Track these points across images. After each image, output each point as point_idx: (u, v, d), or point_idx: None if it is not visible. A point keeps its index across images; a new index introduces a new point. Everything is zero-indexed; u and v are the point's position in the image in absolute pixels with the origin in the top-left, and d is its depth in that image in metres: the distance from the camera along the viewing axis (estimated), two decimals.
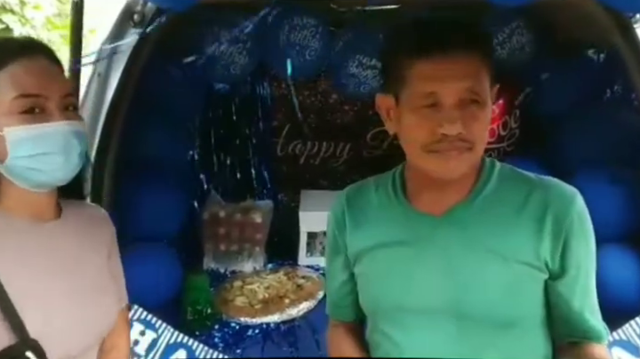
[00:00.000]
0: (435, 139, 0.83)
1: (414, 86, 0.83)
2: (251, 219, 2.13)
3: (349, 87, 2.19)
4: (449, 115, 0.81)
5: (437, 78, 0.82)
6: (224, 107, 2.38)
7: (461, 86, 0.82)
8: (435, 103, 0.82)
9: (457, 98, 0.82)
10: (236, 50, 2.08)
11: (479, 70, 0.83)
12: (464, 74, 0.82)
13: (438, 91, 0.82)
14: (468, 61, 0.82)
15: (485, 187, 0.91)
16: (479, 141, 0.84)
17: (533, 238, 0.86)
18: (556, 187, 0.89)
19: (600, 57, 1.93)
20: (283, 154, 2.47)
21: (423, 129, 0.83)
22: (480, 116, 0.83)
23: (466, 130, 0.82)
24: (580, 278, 0.89)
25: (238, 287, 1.91)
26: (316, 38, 2.10)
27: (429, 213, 0.92)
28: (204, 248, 2.12)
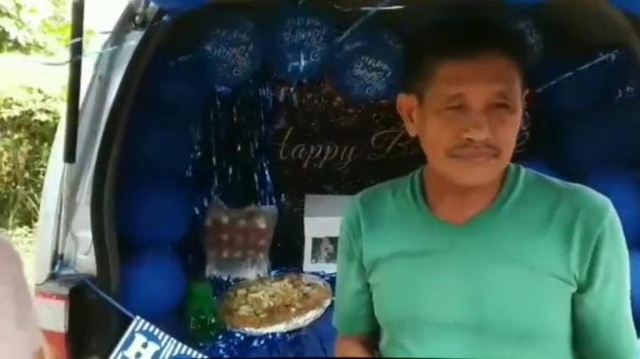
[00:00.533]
0: (459, 144, 0.79)
1: (440, 87, 0.79)
2: (254, 225, 2.08)
3: (354, 89, 2.14)
4: (476, 119, 0.77)
5: (465, 80, 0.78)
6: (226, 110, 2.33)
7: (491, 89, 0.78)
8: (461, 105, 0.78)
9: (485, 101, 0.78)
10: (239, 52, 2.04)
11: (510, 73, 0.79)
12: (494, 76, 0.78)
13: (466, 93, 0.78)
14: (499, 63, 0.78)
15: (511, 195, 0.86)
16: (506, 148, 0.80)
17: (562, 249, 0.82)
18: (587, 196, 0.84)
19: (612, 57, 1.89)
20: (285, 158, 2.43)
21: (447, 132, 0.79)
22: (509, 122, 0.79)
23: (493, 135, 0.77)
24: (609, 291, 0.84)
25: (242, 295, 1.86)
26: (320, 39, 2.06)
27: (451, 221, 0.87)
28: (206, 255, 2.06)
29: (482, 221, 0.86)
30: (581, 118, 1.94)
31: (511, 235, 0.84)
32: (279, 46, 2.08)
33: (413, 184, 0.93)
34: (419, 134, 0.86)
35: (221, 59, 2.01)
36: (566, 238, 0.82)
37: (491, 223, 0.85)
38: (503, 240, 0.84)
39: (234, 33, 2.00)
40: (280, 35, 2.06)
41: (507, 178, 0.87)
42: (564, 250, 0.82)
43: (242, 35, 2.01)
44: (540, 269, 0.82)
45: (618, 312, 0.86)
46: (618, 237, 0.84)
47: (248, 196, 2.32)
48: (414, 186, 0.92)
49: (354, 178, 2.47)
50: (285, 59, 2.10)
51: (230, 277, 2.04)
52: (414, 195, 0.91)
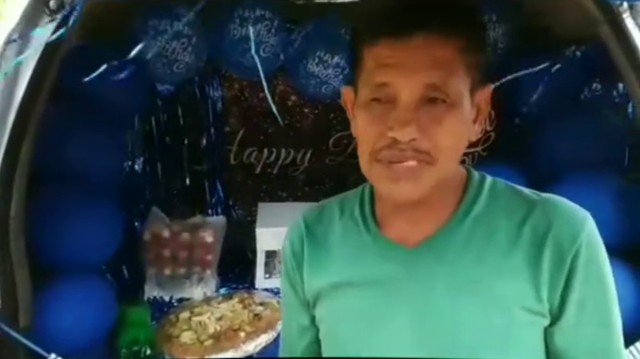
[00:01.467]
0: (383, 145, 0.65)
1: (367, 75, 0.66)
2: (200, 239, 1.87)
3: (309, 88, 1.98)
4: (402, 115, 0.64)
5: (392, 66, 0.64)
6: (169, 110, 2.12)
7: (422, 80, 0.63)
8: (388, 98, 0.65)
9: (416, 94, 0.64)
10: (180, 46, 1.83)
11: (454, 62, 0.64)
12: (428, 64, 0.63)
13: (391, 82, 0.64)
14: (438, 49, 0.63)
15: (472, 209, 0.71)
16: (445, 153, 0.65)
17: (530, 274, 0.67)
18: (561, 208, 0.69)
19: (579, 52, 1.80)
20: (237, 162, 2.25)
21: (372, 129, 0.66)
22: (447, 121, 0.64)
23: (423, 136, 0.64)
24: (585, 322, 0.68)
25: (185, 319, 1.64)
26: (271, 33, 1.89)
27: (402, 243, 0.72)
28: (145, 274, 1.84)
29: (437, 243, 0.71)
30: (548, 118, 1.84)
31: (472, 258, 0.69)
32: (225, 40, 1.89)
33: (363, 199, 0.78)
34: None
35: (160, 53, 1.80)
36: (535, 260, 0.67)
37: (448, 244, 0.70)
38: (462, 265, 0.69)
39: (173, 24, 1.80)
40: (226, 28, 1.87)
41: (468, 188, 0.73)
42: (532, 275, 0.67)
43: (182, 28, 1.81)
44: (504, 301, 0.67)
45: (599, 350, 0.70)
46: (597, 259, 0.68)
47: (193, 206, 2.11)
48: (364, 202, 0.78)
49: (311, 183, 2.32)
50: (233, 55, 1.92)
51: (173, 297, 1.83)
52: (363, 214, 0.77)
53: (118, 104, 1.72)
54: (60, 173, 1.51)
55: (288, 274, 0.83)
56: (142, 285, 1.83)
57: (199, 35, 1.86)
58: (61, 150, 1.51)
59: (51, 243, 1.40)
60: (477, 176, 0.74)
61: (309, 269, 0.79)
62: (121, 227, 1.61)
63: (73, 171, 1.54)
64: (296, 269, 0.81)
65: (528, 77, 1.84)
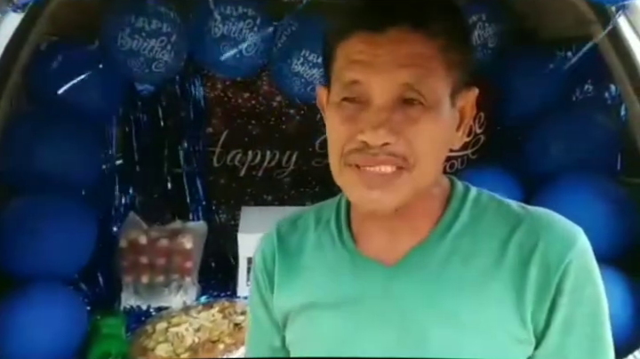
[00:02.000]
0: (353, 148, 0.59)
1: (338, 72, 0.60)
2: (179, 245, 1.80)
3: (294, 88, 1.92)
4: (373, 116, 0.58)
5: (365, 63, 0.58)
6: (148, 110, 2.05)
7: (397, 78, 0.57)
8: (360, 98, 0.59)
9: (389, 94, 0.58)
10: (159, 44, 1.76)
11: (431, 60, 0.58)
12: (404, 62, 0.57)
13: (363, 80, 0.58)
14: (416, 46, 0.57)
15: (454, 225, 0.65)
16: (423, 159, 0.59)
17: (515, 297, 0.61)
18: (549, 224, 0.62)
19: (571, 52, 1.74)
20: (220, 165, 2.19)
21: (341, 130, 0.60)
22: (423, 123, 0.58)
23: (397, 140, 0.58)
24: (570, 349, 0.61)
25: (162, 330, 1.57)
26: (254, 31, 1.82)
27: (380, 260, 0.66)
28: (122, 282, 1.76)
29: (417, 259, 0.64)
30: (539, 120, 1.78)
31: (452, 279, 0.63)
32: (206, 38, 1.82)
33: (339, 210, 0.71)
34: None
35: (137, 51, 1.73)
36: (520, 281, 0.61)
37: (427, 263, 0.64)
38: (442, 287, 0.63)
39: (152, 22, 1.73)
40: (207, 26, 1.80)
41: (451, 201, 0.66)
42: (516, 298, 0.61)
43: (161, 25, 1.74)
44: (485, 326, 0.61)
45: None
46: (588, 280, 0.62)
47: (174, 211, 2.04)
48: (340, 213, 0.71)
49: (297, 186, 2.26)
50: (214, 54, 1.85)
51: (151, 306, 1.75)
52: (339, 226, 0.70)
53: (93, 105, 1.65)
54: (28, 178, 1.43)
55: (259, 289, 0.76)
56: (119, 294, 1.76)
57: (179, 33, 1.79)
58: (30, 154, 1.44)
59: (17, 252, 1.32)
60: (461, 187, 0.68)
61: (280, 287, 0.72)
62: (94, 235, 1.53)
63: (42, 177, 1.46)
64: (267, 285, 0.74)
65: (519, 79, 1.79)
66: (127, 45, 1.71)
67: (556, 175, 1.62)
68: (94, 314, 1.58)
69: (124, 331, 1.56)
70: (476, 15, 1.77)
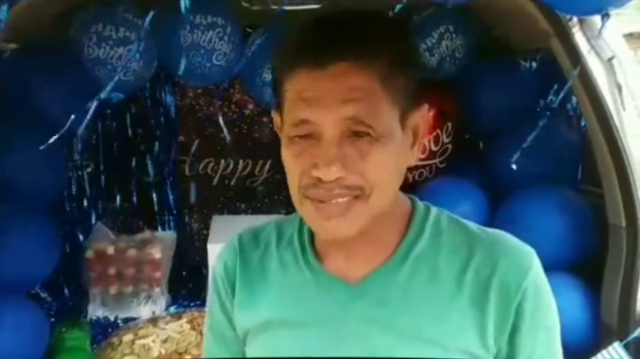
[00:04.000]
0: (309, 183, 0.60)
1: (288, 109, 0.61)
2: (148, 255, 1.78)
3: (266, 96, 1.92)
4: (324, 153, 0.59)
5: (311, 101, 0.59)
6: (117, 119, 2.02)
7: (342, 113, 0.58)
8: (310, 134, 0.60)
9: (337, 129, 0.59)
10: (127, 52, 1.74)
11: (376, 92, 0.59)
12: (348, 96, 0.58)
13: (311, 119, 0.59)
14: (357, 79, 0.58)
15: (414, 247, 0.66)
16: (377, 189, 0.60)
17: (476, 318, 0.63)
18: (505, 248, 0.65)
19: (534, 63, 1.79)
20: (192, 174, 2.18)
21: (297, 167, 0.61)
22: (374, 155, 0.59)
23: (349, 172, 0.59)
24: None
25: (128, 342, 1.55)
26: (225, 40, 1.82)
27: (344, 279, 0.66)
28: (88, 293, 1.74)
29: (378, 280, 0.65)
30: (504, 129, 1.82)
31: (415, 299, 0.64)
32: (175, 47, 1.81)
33: (302, 227, 0.71)
34: None
35: (104, 60, 1.71)
36: (480, 304, 0.63)
37: (389, 283, 0.65)
38: (405, 307, 0.64)
39: (119, 30, 1.71)
40: (176, 35, 1.79)
41: (412, 223, 0.67)
42: (477, 320, 0.63)
43: (129, 34, 1.73)
44: (449, 347, 0.62)
45: None
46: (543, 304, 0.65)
47: (143, 221, 2.02)
48: (302, 230, 0.71)
49: (271, 195, 2.26)
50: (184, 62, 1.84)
51: (118, 317, 1.73)
52: (302, 243, 0.70)
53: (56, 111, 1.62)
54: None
55: (220, 300, 0.74)
56: (85, 305, 1.73)
57: (147, 42, 1.77)
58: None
59: None
60: (422, 208, 0.69)
61: (241, 303, 0.71)
62: (57, 247, 1.51)
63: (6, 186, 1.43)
64: (230, 296, 0.73)
65: (485, 89, 1.83)
66: (94, 53, 1.70)
67: (520, 183, 1.66)
68: (59, 326, 1.56)
69: (88, 344, 1.54)
70: (444, 26, 1.81)
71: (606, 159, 1.39)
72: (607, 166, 1.39)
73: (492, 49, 1.84)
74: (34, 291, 1.57)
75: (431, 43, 1.81)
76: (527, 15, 1.46)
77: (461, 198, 1.70)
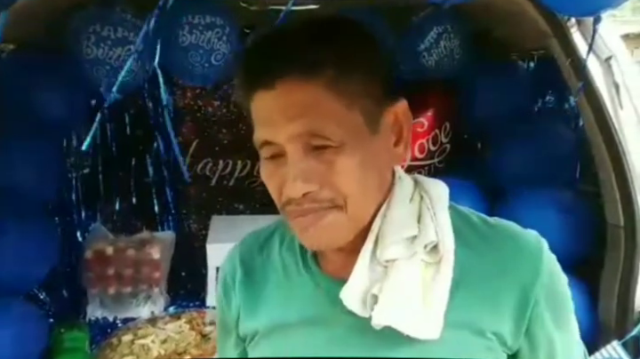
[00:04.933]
0: (284, 201, 0.61)
1: (255, 132, 0.61)
2: (147, 255, 1.78)
3: None
4: (289, 171, 0.58)
5: (267, 122, 0.59)
6: (115, 119, 2.02)
7: (296, 130, 0.57)
8: (278, 154, 0.60)
9: (296, 146, 0.58)
10: (125, 52, 1.74)
11: (328, 101, 0.57)
12: (297, 112, 0.57)
13: (270, 139, 0.59)
14: (306, 93, 0.57)
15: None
16: (352, 195, 0.59)
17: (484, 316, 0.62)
18: (513, 240, 0.64)
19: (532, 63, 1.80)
20: (191, 174, 2.15)
21: (270, 186, 0.62)
22: (340, 164, 0.58)
23: (318, 186, 0.58)
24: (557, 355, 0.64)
25: (127, 343, 1.55)
26: (223, 40, 1.82)
27: (343, 280, 0.65)
28: (87, 294, 1.73)
29: None
30: (502, 129, 1.82)
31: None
32: (174, 47, 1.81)
33: None
34: None
35: (103, 60, 1.71)
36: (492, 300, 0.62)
37: None
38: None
39: (117, 31, 1.71)
40: (174, 35, 1.79)
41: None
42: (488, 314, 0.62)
43: (127, 34, 1.73)
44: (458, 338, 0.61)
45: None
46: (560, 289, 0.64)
47: (142, 221, 2.01)
48: None
49: (269, 195, 2.22)
50: (183, 62, 1.84)
51: (117, 318, 1.73)
52: (302, 246, 0.69)
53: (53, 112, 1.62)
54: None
55: (221, 313, 0.76)
56: (84, 306, 1.73)
57: (145, 43, 1.77)
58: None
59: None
60: None
61: (244, 309, 0.72)
62: (55, 248, 1.51)
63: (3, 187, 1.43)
64: (226, 307, 0.74)
65: (483, 89, 1.83)
66: (92, 54, 1.70)
67: (518, 183, 1.66)
68: (58, 327, 1.55)
69: (87, 345, 1.53)
70: (442, 27, 1.81)
71: (604, 158, 1.39)
72: (605, 165, 1.39)
73: (490, 49, 1.85)
74: (32, 292, 1.57)
75: (429, 43, 1.81)
76: (525, 16, 1.46)
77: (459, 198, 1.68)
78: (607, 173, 1.39)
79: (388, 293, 0.60)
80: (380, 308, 0.59)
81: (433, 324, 0.59)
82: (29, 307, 1.41)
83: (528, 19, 1.46)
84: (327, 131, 0.57)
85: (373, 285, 0.61)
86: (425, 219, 0.63)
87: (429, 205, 0.65)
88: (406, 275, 0.61)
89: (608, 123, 1.36)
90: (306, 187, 0.57)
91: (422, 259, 0.62)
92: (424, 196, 0.66)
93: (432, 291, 0.60)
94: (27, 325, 1.36)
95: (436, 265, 0.61)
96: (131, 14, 1.73)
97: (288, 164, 0.58)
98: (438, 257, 0.62)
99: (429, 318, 0.59)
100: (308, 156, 0.58)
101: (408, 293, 0.60)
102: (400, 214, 0.63)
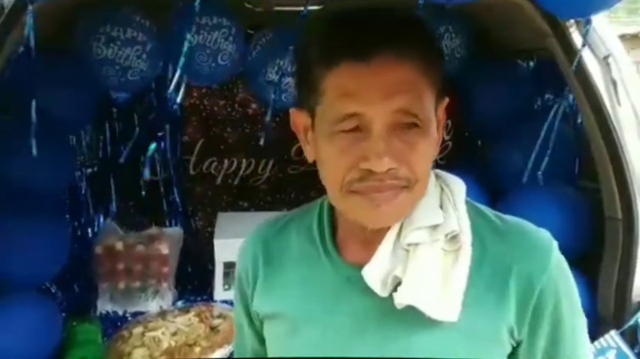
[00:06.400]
0: (357, 177, 0.61)
1: (330, 105, 0.61)
2: (156, 251, 1.81)
3: (269, 96, 1.95)
4: (376, 145, 0.60)
5: (357, 95, 0.60)
6: (124, 118, 2.05)
7: (391, 106, 0.60)
8: (357, 128, 0.61)
9: (386, 122, 0.60)
10: (134, 53, 1.78)
11: (418, 83, 0.61)
12: (394, 88, 0.60)
13: (360, 112, 0.60)
14: (402, 71, 0.60)
15: None
16: (421, 177, 0.63)
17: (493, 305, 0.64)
18: (525, 235, 0.67)
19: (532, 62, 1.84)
20: (196, 173, 2.21)
21: (342, 162, 0.62)
22: (420, 145, 0.61)
23: (399, 164, 0.60)
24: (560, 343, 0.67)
25: (138, 335, 1.58)
26: (229, 41, 1.86)
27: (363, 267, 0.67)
28: (98, 288, 1.77)
29: None
30: (503, 127, 1.86)
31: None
32: (181, 48, 1.85)
33: (321, 217, 0.73)
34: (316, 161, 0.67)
35: (113, 60, 1.75)
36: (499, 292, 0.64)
37: None
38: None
39: (127, 31, 1.75)
40: (182, 36, 1.83)
41: None
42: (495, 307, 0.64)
43: (136, 35, 1.77)
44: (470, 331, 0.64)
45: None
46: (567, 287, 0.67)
47: (150, 218, 2.05)
48: (322, 220, 0.73)
49: (273, 193, 2.29)
50: (190, 62, 1.88)
51: (127, 312, 1.76)
52: (321, 233, 0.72)
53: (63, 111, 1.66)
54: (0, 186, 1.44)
55: (242, 293, 0.78)
56: (94, 300, 1.76)
57: (153, 43, 1.82)
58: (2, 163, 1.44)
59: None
60: None
61: (261, 292, 0.74)
62: (68, 243, 1.54)
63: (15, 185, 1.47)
64: (251, 288, 0.76)
65: (484, 87, 1.87)
66: (102, 54, 1.74)
67: (518, 180, 1.70)
68: (70, 320, 1.59)
69: (100, 337, 1.57)
70: (444, 27, 1.85)
71: (603, 154, 1.43)
72: (603, 161, 1.43)
73: (490, 49, 1.89)
74: (44, 287, 1.60)
75: None
76: (525, 16, 1.50)
77: None
78: (605, 168, 1.43)
79: (412, 275, 0.63)
80: (404, 289, 0.62)
81: (452, 307, 0.62)
82: (44, 301, 1.45)
83: (527, 19, 1.50)
84: (418, 111, 0.60)
85: (395, 267, 0.64)
86: (448, 209, 0.66)
87: (450, 197, 0.68)
88: (428, 259, 0.64)
89: (606, 120, 1.40)
90: (391, 163, 0.59)
91: (442, 247, 0.65)
92: (444, 189, 0.69)
93: (451, 278, 0.63)
94: (42, 319, 1.40)
95: (455, 253, 0.64)
96: (140, 15, 1.77)
97: (372, 139, 0.59)
98: (457, 246, 0.64)
99: (448, 301, 0.62)
100: (394, 134, 0.60)
101: (429, 277, 0.63)
102: (426, 202, 0.66)
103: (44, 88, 1.63)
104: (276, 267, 0.74)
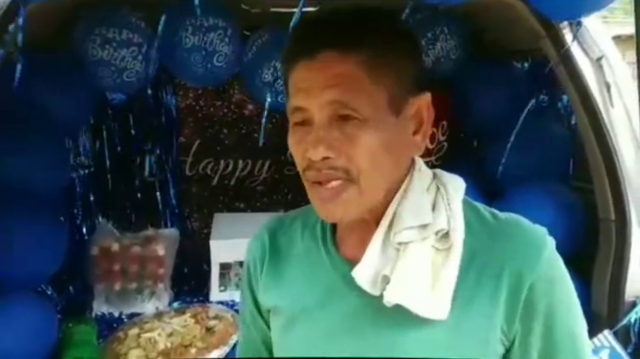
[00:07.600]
0: (305, 166, 0.66)
1: (289, 100, 0.67)
2: (151, 252, 1.81)
3: (266, 97, 1.96)
4: (314, 135, 0.64)
5: (303, 89, 0.64)
6: (120, 119, 2.05)
7: (325, 98, 0.63)
8: (305, 122, 0.65)
9: (324, 113, 0.64)
10: (130, 54, 1.78)
11: (361, 77, 0.63)
12: (331, 82, 0.63)
13: (303, 105, 0.64)
14: (343, 66, 0.63)
15: None
16: (365, 171, 0.64)
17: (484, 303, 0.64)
18: (518, 233, 0.67)
19: (526, 64, 1.84)
20: (192, 174, 2.21)
21: (296, 152, 0.67)
22: (361, 138, 0.63)
23: (337, 154, 0.63)
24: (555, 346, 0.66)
25: (134, 336, 1.58)
26: (225, 42, 1.86)
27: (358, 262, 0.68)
28: (93, 289, 1.77)
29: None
30: (497, 128, 1.87)
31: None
32: (177, 49, 1.86)
33: None
34: None
35: (108, 61, 1.75)
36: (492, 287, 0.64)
37: None
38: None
39: (122, 33, 1.75)
40: (177, 37, 1.84)
41: None
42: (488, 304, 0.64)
43: (132, 36, 1.77)
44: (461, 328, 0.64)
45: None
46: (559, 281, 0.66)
47: (146, 219, 2.05)
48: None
49: (270, 194, 2.30)
50: (185, 64, 1.88)
51: (123, 313, 1.76)
52: (324, 231, 0.74)
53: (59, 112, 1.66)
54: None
55: (250, 286, 0.80)
56: (90, 302, 1.76)
57: (149, 44, 1.82)
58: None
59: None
60: None
61: (266, 284, 0.76)
62: (64, 244, 1.54)
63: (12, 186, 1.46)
64: (255, 283, 0.78)
65: (479, 89, 1.88)
66: (98, 55, 1.74)
67: (513, 180, 1.71)
68: (66, 321, 1.59)
69: (95, 338, 1.56)
70: (439, 28, 1.86)
71: (596, 155, 1.44)
72: (597, 162, 1.44)
73: (485, 50, 1.90)
74: (40, 288, 1.60)
75: (426, 44, 1.86)
76: (519, 17, 1.51)
77: None
78: (599, 169, 1.44)
79: (400, 274, 0.63)
80: (392, 287, 0.63)
81: (441, 305, 0.63)
82: (40, 302, 1.45)
83: (521, 20, 1.51)
84: (355, 104, 0.62)
85: (385, 266, 0.65)
86: (439, 208, 0.67)
87: (444, 196, 0.68)
88: (417, 258, 0.64)
89: (600, 122, 1.41)
90: (326, 152, 0.62)
91: (433, 245, 0.65)
92: (440, 188, 0.69)
93: (441, 276, 0.64)
94: (37, 320, 1.39)
95: (446, 252, 0.65)
96: (135, 17, 1.78)
97: (314, 130, 0.63)
98: (448, 244, 0.65)
99: (438, 299, 0.63)
100: (333, 125, 0.63)
101: (419, 275, 0.63)
102: (416, 202, 0.67)
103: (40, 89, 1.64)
104: (282, 260, 0.76)
